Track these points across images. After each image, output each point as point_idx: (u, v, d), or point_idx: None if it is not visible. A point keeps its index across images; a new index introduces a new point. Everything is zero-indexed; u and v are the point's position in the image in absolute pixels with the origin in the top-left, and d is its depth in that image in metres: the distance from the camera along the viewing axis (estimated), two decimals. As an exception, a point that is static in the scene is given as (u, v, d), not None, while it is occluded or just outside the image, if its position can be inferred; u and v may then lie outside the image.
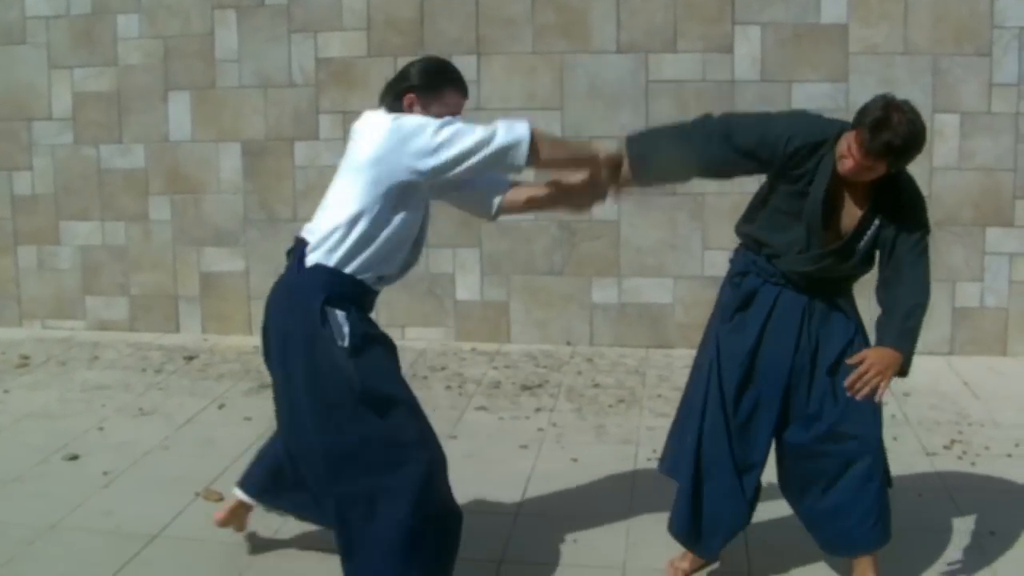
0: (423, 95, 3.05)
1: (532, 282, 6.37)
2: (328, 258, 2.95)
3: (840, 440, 3.13)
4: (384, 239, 2.98)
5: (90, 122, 6.67)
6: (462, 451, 4.32)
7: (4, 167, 6.82)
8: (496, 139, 2.91)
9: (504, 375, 5.74)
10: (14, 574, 3.39)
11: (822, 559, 3.44)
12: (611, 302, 6.32)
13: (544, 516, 3.84)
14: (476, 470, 4.17)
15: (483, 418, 5.00)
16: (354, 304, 3.01)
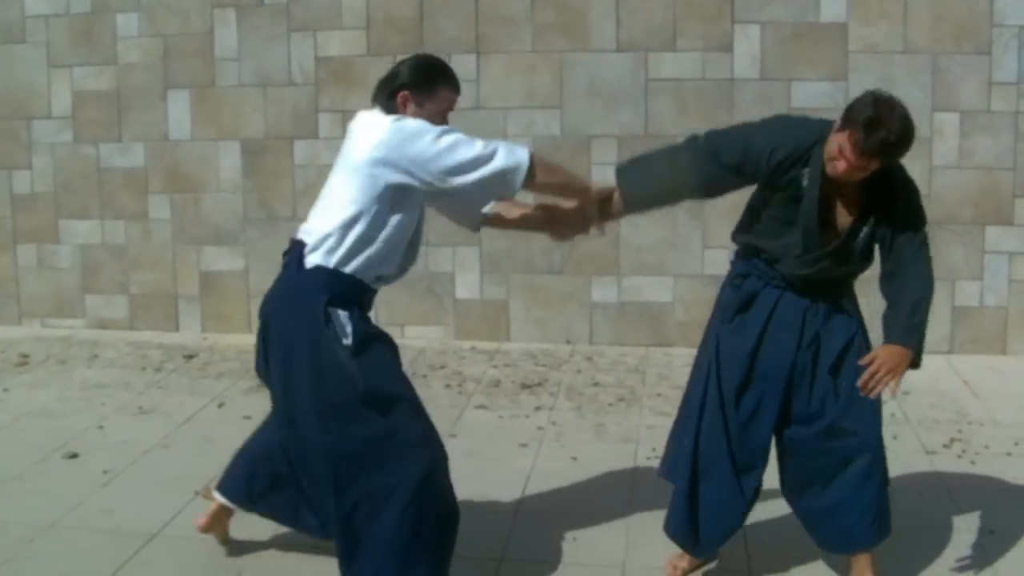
0: (417, 92, 3.06)
1: (532, 281, 6.37)
2: (328, 259, 2.95)
3: (840, 437, 3.13)
4: (382, 240, 2.99)
5: (90, 121, 6.67)
6: (462, 450, 4.31)
7: (4, 166, 6.81)
8: (496, 160, 2.92)
9: (504, 374, 5.74)
10: (14, 573, 3.39)
11: (821, 558, 3.44)
12: (611, 301, 6.32)
13: (544, 514, 3.84)
14: (476, 468, 4.17)
15: (483, 417, 5.00)
16: (355, 304, 3.02)
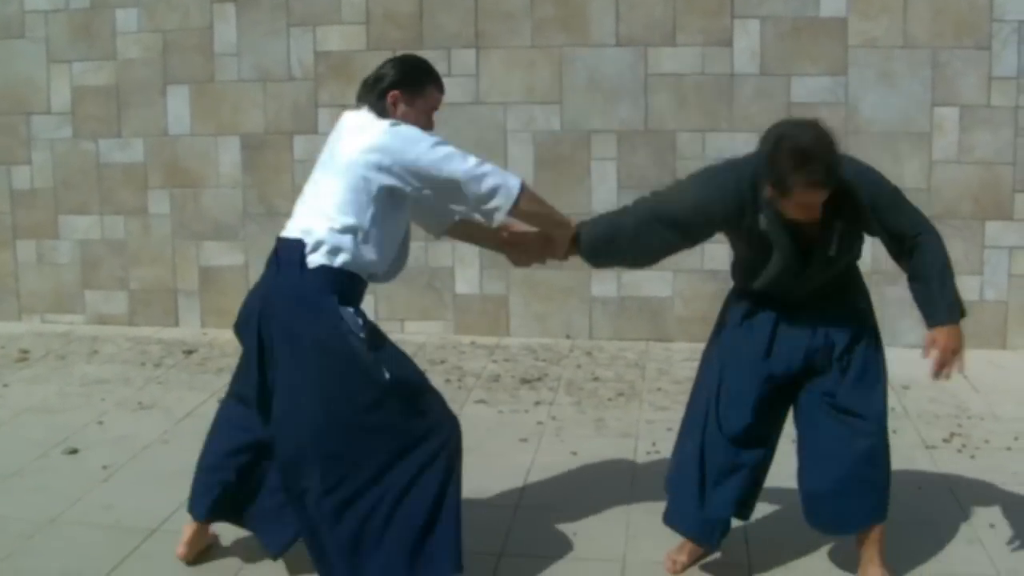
0: (407, 92, 3.12)
1: (531, 275, 6.35)
2: (331, 259, 2.98)
3: (847, 421, 3.15)
4: (378, 239, 3.04)
5: (89, 116, 6.66)
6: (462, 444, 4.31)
7: (3, 161, 6.80)
8: (488, 179, 2.99)
9: (503, 368, 5.74)
10: (14, 568, 3.39)
11: (821, 553, 3.45)
12: (610, 295, 6.31)
13: (544, 509, 3.84)
14: (476, 463, 4.13)
15: (482, 411, 5.00)
16: (356, 301, 3.07)
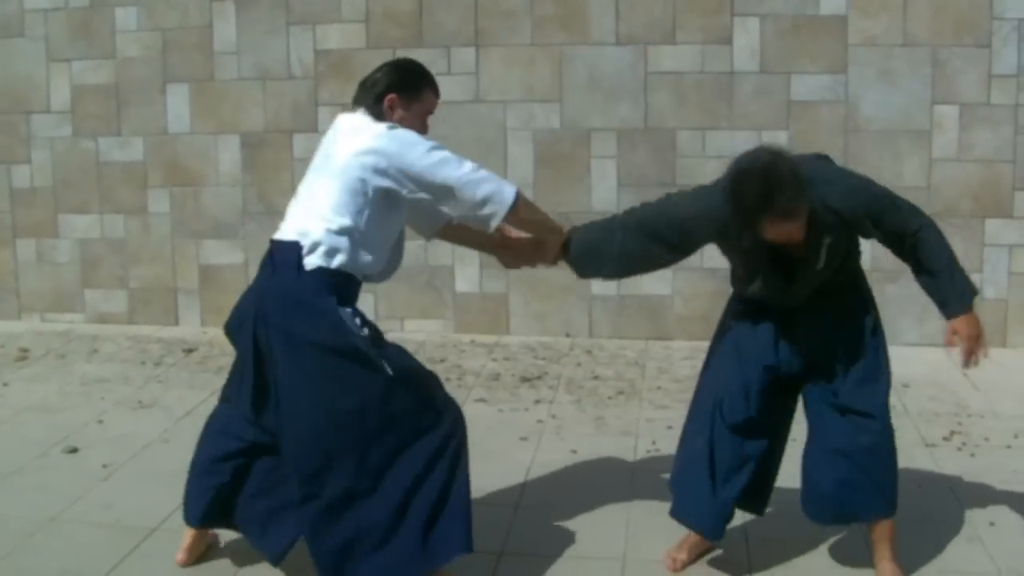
0: (404, 96, 3.14)
1: (531, 274, 6.29)
2: (328, 260, 3.00)
3: (850, 418, 3.16)
4: (373, 241, 3.06)
5: (89, 115, 6.66)
6: (462, 443, 4.31)
7: (3, 160, 6.81)
8: (484, 185, 3.00)
9: (503, 367, 5.74)
10: (14, 567, 3.39)
11: (821, 551, 3.45)
12: (610, 294, 6.31)
13: (544, 507, 3.84)
14: (476, 462, 4.10)
15: (483, 410, 5.00)
16: (353, 301, 3.10)
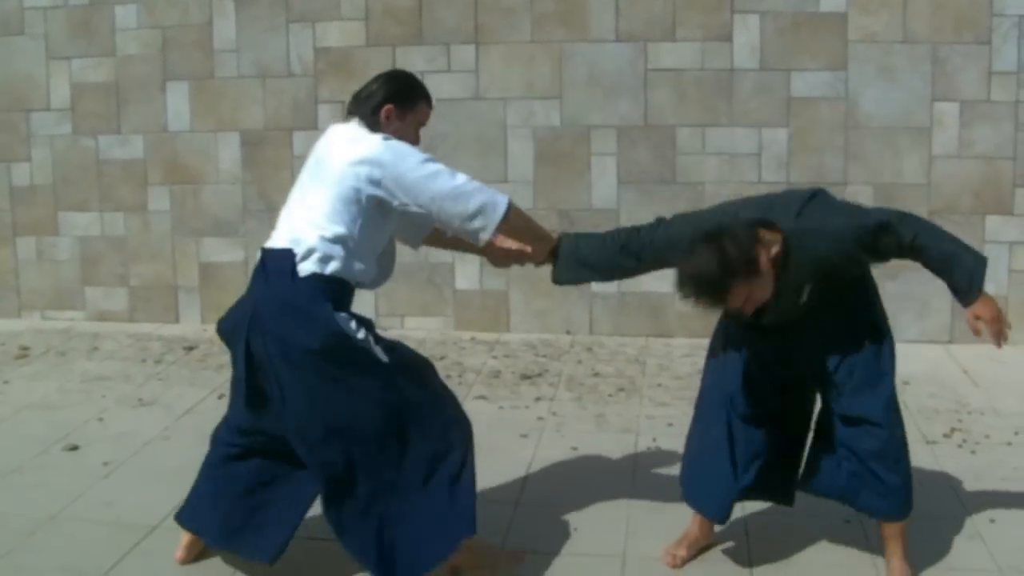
0: (400, 107, 3.19)
1: (531, 271, 6.25)
2: (323, 267, 3.02)
3: (853, 425, 3.18)
4: (365, 248, 3.09)
5: (88, 113, 6.66)
6: (462, 440, 4.31)
7: (3, 158, 6.81)
8: (476, 196, 3.02)
9: (504, 364, 5.74)
10: (14, 565, 3.39)
11: (822, 546, 3.45)
12: (610, 291, 6.31)
13: (544, 504, 3.84)
14: (477, 459, 4.14)
15: (483, 407, 5.00)
16: (348, 307, 3.12)
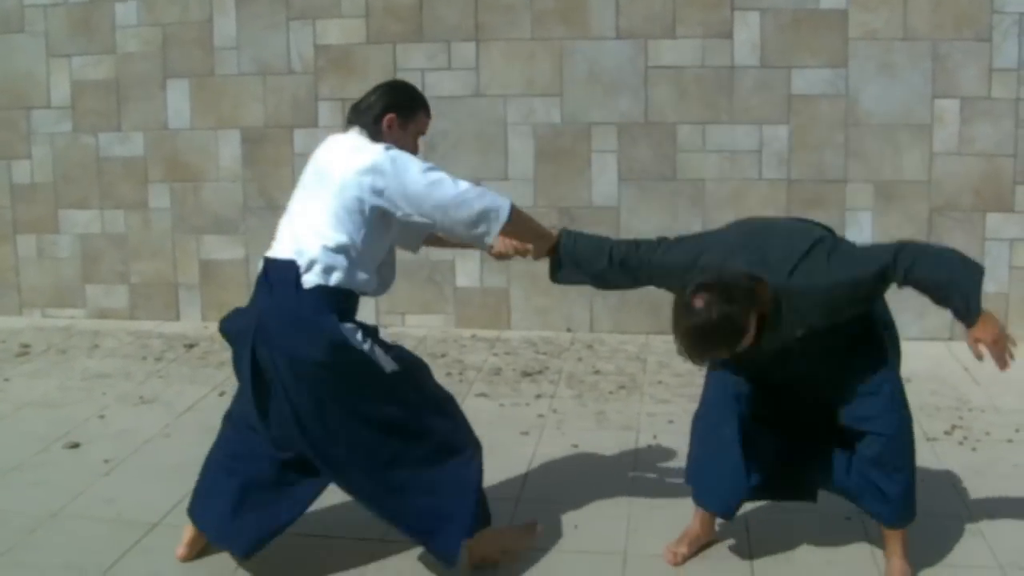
0: (402, 116, 3.22)
1: (532, 268, 6.31)
2: (326, 278, 3.03)
3: (855, 424, 3.16)
4: (369, 258, 3.11)
5: (89, 110, 6.66)
6: (462, 438, 4.31)
7: (3, 156, 6.80)
8: (476, 205, 3.04)
9: (504, 362, 5.74)
10: (15, 562, 3.39)
11: (822, 543, 3.45)
12: (611, 289, 6.30)
13: (545, 502, 3.84)
14: (477, 457, 4.18)
15: (483, 404, 5.00)
16: (352, 316, 3.14)
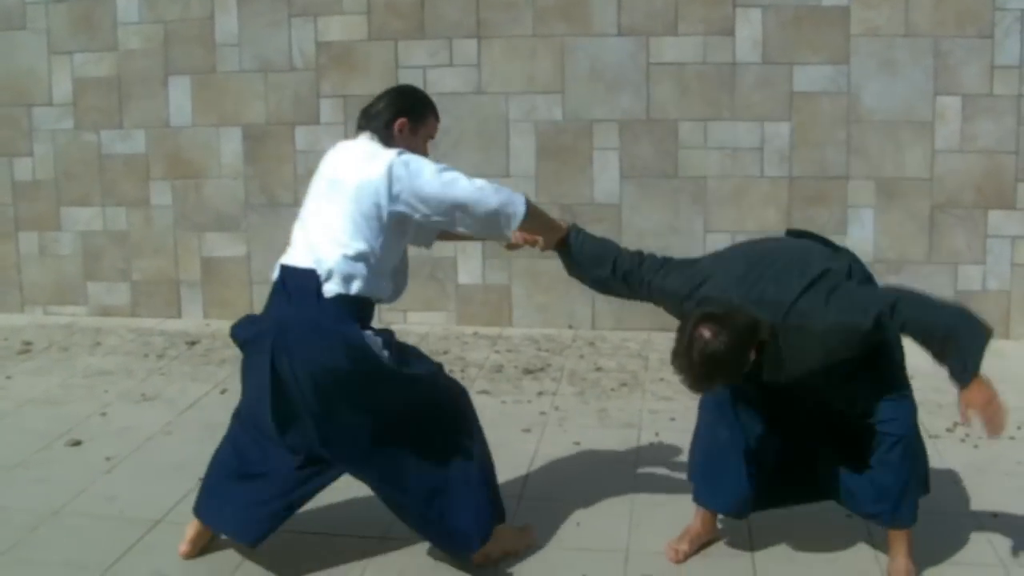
0: (413, 121, 3.25)
1: (533, 266, 6.35)
2: (347, 287, 3.05)
3: (859, 439, 3.17)
4: (386, 265, 3.15)
5: (90, 107, 6.65)
6: (464, 435, 4.31)
7: (5, 153, 6.80)
8: (492, 202, 3.07)
9: (506, 359, 5.74)
10: (17, 560, 3.40)
11: (824, 542, 3.45)
12: (613, 286, 6.30)
13: (547, 499, 3.84)
14: (478, 454, 4.17)
15: (485, 402, 4.99)
16: (370, 323, 3.18)
